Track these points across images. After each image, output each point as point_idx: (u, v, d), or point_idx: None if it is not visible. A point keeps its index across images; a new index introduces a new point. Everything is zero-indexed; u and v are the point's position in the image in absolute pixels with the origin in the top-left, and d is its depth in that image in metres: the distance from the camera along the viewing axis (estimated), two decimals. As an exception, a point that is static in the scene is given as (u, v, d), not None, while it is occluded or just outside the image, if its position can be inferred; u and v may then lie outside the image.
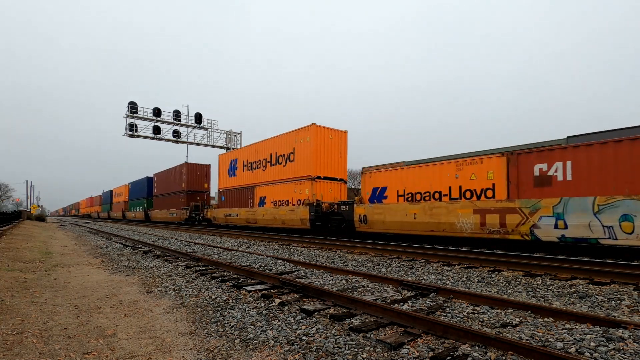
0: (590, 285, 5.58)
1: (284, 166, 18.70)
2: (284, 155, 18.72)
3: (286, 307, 4.51)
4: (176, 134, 31.31)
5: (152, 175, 36.15)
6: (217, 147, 32.67)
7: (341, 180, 17.78)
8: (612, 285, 5.49)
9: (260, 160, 20.83)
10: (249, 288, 5.50)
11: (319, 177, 16.72)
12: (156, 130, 30.26)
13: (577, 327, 3.59)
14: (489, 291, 5.47)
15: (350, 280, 6.06)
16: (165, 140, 31.06)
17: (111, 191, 52.28)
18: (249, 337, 3.72)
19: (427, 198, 12.02)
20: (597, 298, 4.85)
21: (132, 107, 29.37)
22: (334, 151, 17.39)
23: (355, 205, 14.27)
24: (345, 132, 17.83)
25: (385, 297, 4.95)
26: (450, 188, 11.46)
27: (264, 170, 20.40)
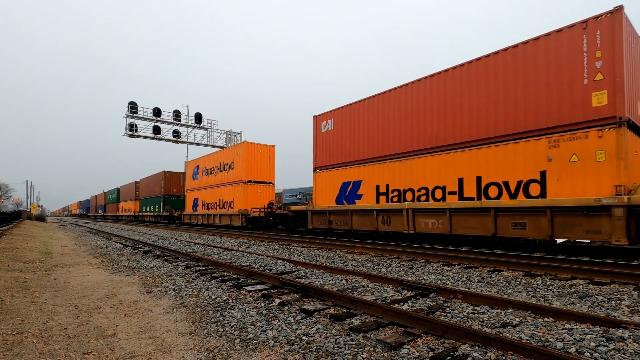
0: (590, 285, 5.58)
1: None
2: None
3: (286, 307, 4.51)
4: (176, 134, 31.33)
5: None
6: (217, 147, 32.68)
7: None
8: (612, 285, 5.49)
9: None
10: (249, 288, 5.50)
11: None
12: (156, 130, 30.28)
13: (577, 327, 3.59)
14: (489, 291, 5.47)
15: (350, 280, 6.06)
16: (165, 140, 31.08)
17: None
18: (249, 337, 3.72)
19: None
20: (597, 298, 4.85)
21: (132, 107, 29.39)
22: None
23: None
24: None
25: (385, 297, 4.95)
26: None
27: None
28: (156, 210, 34.42)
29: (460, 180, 10.13)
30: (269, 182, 21.91)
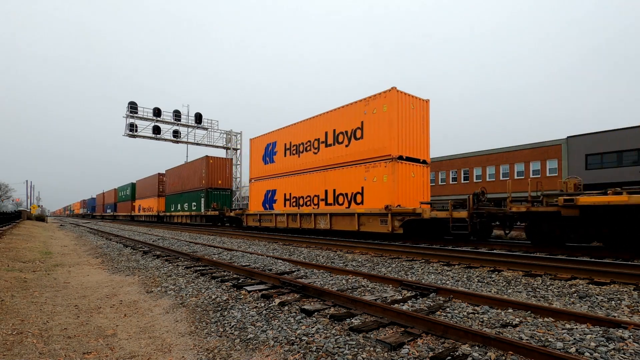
0: (590, 285, 5.58)
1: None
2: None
3: (286, 307, 4.51)
4: (176, 134, 31.34)
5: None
6: (217, 147, 32.72)
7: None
8: (612, 285, 5.48)
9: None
10: (249, 288, 5.50)
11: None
12: (156, 130, 30.29)
13: (577, 327, 3.59)
14: (489, 291, 5.47)
15: (350, 280, 6.06)
16: (165, 140, 31.10)
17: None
18: (249, 337, 3.72)
19: None
20: (597, 298, 4.85)
21: (132, 107, 29.39)
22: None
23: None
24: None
25: (385, 297, 4.95)
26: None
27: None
28: (194, 208, 25.88)
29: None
30: (423, 161, 13.30)
